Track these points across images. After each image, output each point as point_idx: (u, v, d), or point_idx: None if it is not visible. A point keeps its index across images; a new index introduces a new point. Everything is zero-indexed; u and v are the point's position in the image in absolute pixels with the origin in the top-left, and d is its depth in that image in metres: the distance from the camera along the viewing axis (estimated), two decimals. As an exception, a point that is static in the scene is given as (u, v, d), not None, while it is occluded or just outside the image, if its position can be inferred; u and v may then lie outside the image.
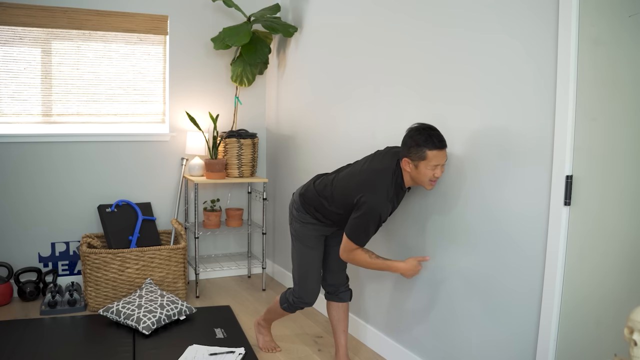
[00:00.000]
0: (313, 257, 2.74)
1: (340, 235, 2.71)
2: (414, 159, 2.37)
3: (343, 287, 2.84)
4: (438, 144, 2.33)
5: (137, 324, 3.18)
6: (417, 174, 2.40)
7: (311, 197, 2.68)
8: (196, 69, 4.23)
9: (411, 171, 2.42)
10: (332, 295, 2.84)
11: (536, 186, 2.10)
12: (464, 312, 2.49)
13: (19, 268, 3.82)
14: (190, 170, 4.12)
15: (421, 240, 2.74)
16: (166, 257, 3.72)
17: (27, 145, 3.82)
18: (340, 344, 2.86)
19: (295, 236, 2.76)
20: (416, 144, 2.35)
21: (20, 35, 3.75)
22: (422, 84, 2.68)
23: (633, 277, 1.79)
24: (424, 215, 2.72)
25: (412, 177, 2.44)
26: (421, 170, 2.38)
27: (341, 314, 2.84)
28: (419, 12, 2.70)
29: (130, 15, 3.98)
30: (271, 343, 3.10)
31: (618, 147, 1.83)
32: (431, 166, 2.35)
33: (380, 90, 3.00)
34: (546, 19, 2.03)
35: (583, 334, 1.96)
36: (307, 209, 2.70)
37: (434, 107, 2.61)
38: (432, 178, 2.39)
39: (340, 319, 2.84)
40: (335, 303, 2.84)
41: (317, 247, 2.74)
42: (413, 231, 2.79)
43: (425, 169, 2.37)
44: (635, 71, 1.77)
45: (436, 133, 2.36)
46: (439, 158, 2.35)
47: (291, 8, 4.10)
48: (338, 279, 2.83)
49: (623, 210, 1.82)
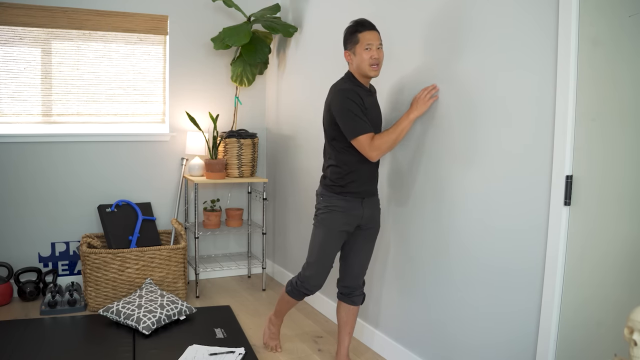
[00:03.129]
0: (331, 247, 2.69)
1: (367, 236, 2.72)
2: (351, 48, 2.58)
3: (358, 291, 2.80)
4: (368, 26, 2.55)
5: (137, 324, 3.18)
6: (358, 60, 2.56)
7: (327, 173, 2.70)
8: (196, 69, 4.23)
9: (353, 61, 2.59)
10: (345, 296, 2.81)
11: (536, 186, 2.10)
12: (463, 313, 2.49)
13: (19, 268, 3.82)
14: (190, 170, 4.12)
15: (421, 242, 2.74)
16: (166, 257, 3.72)
17: (27, 145, 3.82)
18: (343, 344, 2.85)
19: (319, 223, 2.70)
20: (349, 32, 2.59)
21: (20, 35, 3.75)
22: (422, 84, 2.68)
23: (633, 276, 1.79)
24: (424, 217, 2.72)
25: (357, 67, 2.58)
26: (359, 55, 2.55)
27: (350, 316, 2.82)
28: (419, 12, 2.70)
29: (130, 15, 3.98)
30: (274, 340, 3.07)
31: (618, 147, 1.83)
32: (366, 47, 2.52)
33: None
34: (546, 19, 2.03)
35: (583, 334, 1.96)
36: (332, 187, 2.66)
37: (433, 107, 2.61)
38: (371, 61, 2.53)
39: (348, 321, 2.83)
40: (346, 305, 2.81)
41: (338, 239, 2.68)
42: (413, 232, 2.79)
43: (361, 51, 2.53)
44: (634, 71, 1.77)
45: (364, 19, 2.59)
46: (371, 38, 2.54)
47: (291, 8, 4.10)
48: (355, 282, 2.78)
49: (623, 210, 1.82)
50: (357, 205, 2.65)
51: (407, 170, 2.82)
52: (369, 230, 2.73)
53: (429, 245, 2.69)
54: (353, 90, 2.54)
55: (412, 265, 2.82)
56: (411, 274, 2.82)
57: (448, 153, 2.54)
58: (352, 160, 2.60)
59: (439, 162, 2.60)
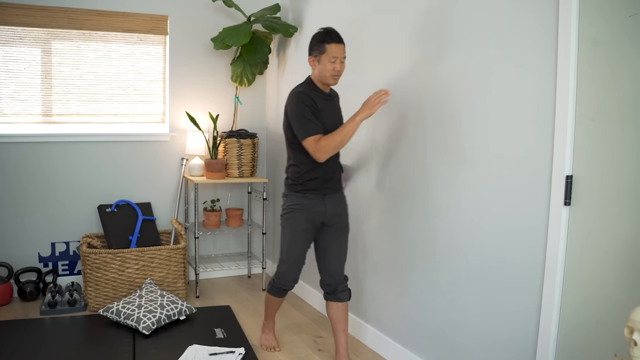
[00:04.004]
0: (298, 245, 2.82)
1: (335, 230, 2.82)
2: (316, 55, 2.68)
3: (341, 287, 2.85)
4: (335, 38, 2.65)
5: (137, 324, 3.18)
6: (321, 68, 2.67)
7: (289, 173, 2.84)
8: (196, 69, 4.23)
9: (315, 68, 2.70)
10: (331, 295, 2.86)
11: (536, 186, 2.10)
12: (464, 313, 2.49)
13: (19, 268, 3.82)
14: (190, 170, 4.12)
15: (421, 242, 2.74)
16: (166, 257, 3.72)
17: (27, 145, 3.82)
18: (341, 343, 2.86)
19: (284, 223, 2.84)
20: (317, 40, 2.68)
21: (20, 35, 3.75)
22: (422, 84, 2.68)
23: (633, 276, 1.79)
24: (423, 218, 2.72)
25: (318, 73, 2.70)
26: (323, 64, 2.66)
27: (340, 313, 2.85)
28: (418, 13, 2.70)
29: (130, 15, 3.98)
30: (271, 342, 3.11)
31: (618, 147, 1.83)
32: (330, 59, 2.63)
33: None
34: (546, 19, 2.03)
35: (583, 334, 1.96)
36: (293, 187, 2.81)
37: (435, 106, 2.61)
38: (334, 72, 2.66)
39: (340, 319, 2.85)
40: (334, 303, 2.85)
41: (304, 237, 2.81)
42: (413, 232, 2.79)
43: (326, 61, 2.65)
44: (635, 71, 1.77)
45: (333, 30, 2.68)
46: (337, 51, 2.64)
47: (291, 8, 4.10)
48: (335, 279, 2.84)
49: (623, 210, 1.82)
50: (319, 202, 2.78)
51: (407, 170, 2.82)
52: (335, 226, 2.83)
53: (429, 245, 2.69)
54: (305, 94, 2.68)
55: (412, 265, 2.82)
56: (411, 274, 2.82)
57: (448, 153, 2.54)
58: (309, 160, 2.73)
59: (440, 161, 2.60)
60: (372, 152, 3.10)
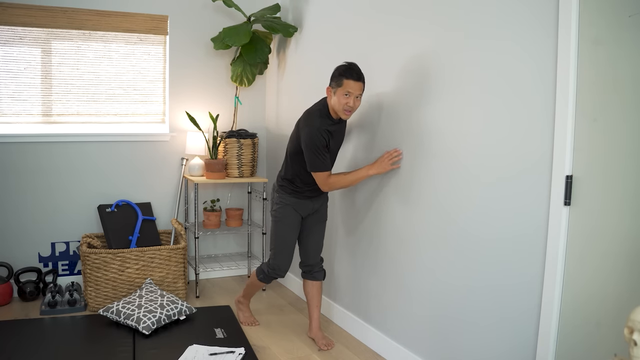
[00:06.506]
0: (289, 236, 3.09)
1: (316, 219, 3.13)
2: (333, 87, 2.78)
3: (317, 267, 3.18)
4: (355, 76, 2.73)
5: (137, 324, 3.18)
6: (336, 101, 2.78)
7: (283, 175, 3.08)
8: (196, 69, 4.23)
9: (331, 98, 2.81)
10: (307, 274, 3.20)
11: (536, 186, 2.10)
12: (463, 313, 2.49)
13: (19, 268, 3.82)
14: (190, 170, 4.12)
15: (420, 242, 2.74)
16: (166, 257, 3.72)
17: (27, 145, 3.82)
18: (314, 317, 3.21)
19: (276, 218, 3.09)
20: (338, 73, 2.77)
21: (20, 35, 3.75)
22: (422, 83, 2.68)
23: (633, 277, 1.79)
24: (422, 218, 2.72)
25: (333, 105, 2.81)
26: (338, 97, 2.76)
27: (314, 291, 3.19)
28: (418, 13, 2.70)
29: (130, 15, 3.98)
30: (251, 318, 3.46)
31: (618, 147, 1.83)
32: (345, 93, 2.72)
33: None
34: (546, 19, 2.03)
35: (583, 335, 1.96)
36: (285, 188, 3.06)
37: (436, 107, 2.61)
38: (347, 107, 2.76)
39: (314, 296, 3.19)
40: (310, 281, 3.20)
41: (293, 229, 3.09)
42: (412, 233, 2.79)
43: (341, 95, 2.75)
44: (635, 71, 1.77)
45: (356, 68, 2.76)
46: (353, 87, 2.73)
47: (291, 8, 4.10)
48: (313, 260, 3.17)
49: (623, 210, 1.82)
50: (308, 202, 3.08)
51: (409, 169, 2.82)
52: (316, 216, 3.15)
53: (428, 246, 2.69)
54: (324, 129, 2.82)
55: (411, 266, 2.82)
56: (410, 275, 2.82)
57: (448, 153, 2.54)
58: (306, 174, 2.96)
59: (441, 162, 2.60)
60: (373, 148, 3.10)
